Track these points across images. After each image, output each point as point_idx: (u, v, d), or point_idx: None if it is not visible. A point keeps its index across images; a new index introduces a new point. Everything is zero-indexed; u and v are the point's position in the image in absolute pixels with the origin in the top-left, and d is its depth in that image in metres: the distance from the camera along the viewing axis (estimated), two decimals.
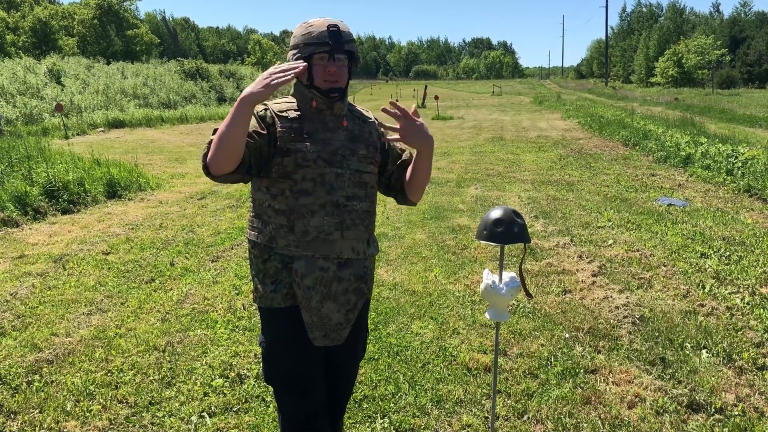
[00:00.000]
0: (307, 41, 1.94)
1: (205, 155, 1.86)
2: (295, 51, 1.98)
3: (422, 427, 2.89)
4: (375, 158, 2.09)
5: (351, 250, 1.98)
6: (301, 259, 1.94)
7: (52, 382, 3.31)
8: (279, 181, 1.94)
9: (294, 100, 2.05)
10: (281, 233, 1.96)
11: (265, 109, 1.99)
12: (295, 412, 2.07)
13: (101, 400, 3.11)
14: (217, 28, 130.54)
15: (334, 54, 1.94)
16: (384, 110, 1.98)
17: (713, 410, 2.98)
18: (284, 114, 1.98)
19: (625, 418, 2.92)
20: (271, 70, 1.79)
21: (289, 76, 1.76)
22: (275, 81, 1.75)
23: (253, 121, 1.93)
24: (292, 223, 1.94)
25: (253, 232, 2.04)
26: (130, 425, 2.91)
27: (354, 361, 2.29)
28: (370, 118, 2.17)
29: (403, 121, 1.98)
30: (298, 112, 1.99)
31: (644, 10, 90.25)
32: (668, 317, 4.08)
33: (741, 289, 4.59)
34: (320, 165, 1.93)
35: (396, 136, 2.01)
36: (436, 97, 28.40)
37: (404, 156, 2.21)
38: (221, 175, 1.86)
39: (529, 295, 2.23)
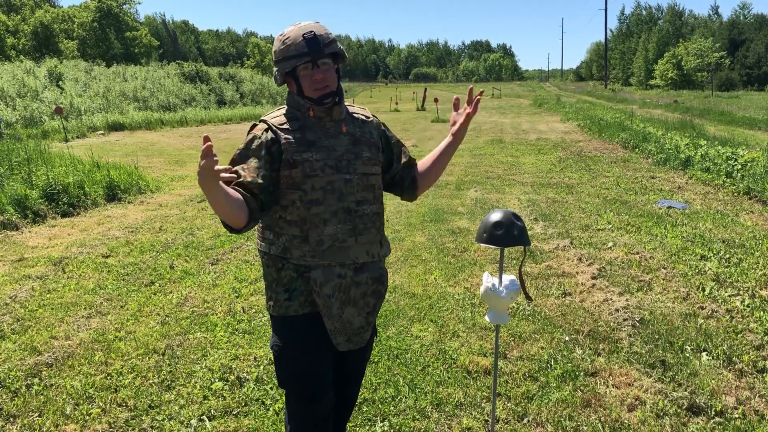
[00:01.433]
0: (287, 55, 1.92)
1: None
2: (277, 68, 1.96)
3: (422, 430, 2.88)
4: (378, 158, 2.07)
5: (366, 253, 1.98)
6: (318, 268, 1.93)
7: (52, 385, 3.30)
8: (289, 192, 1.92)
9: (290, 109, 2.01)
10: (295, 244, 1.94)
11: (267, 129, 1.95)
12: (303, 419, 2.07)
13: (101, 404, 3.11)
14: (217, 31, 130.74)
15: (316, 61, 1.91)
16: (470, 93, 2.17)
17: (713, 413, 2.97)
18: (285, 126, 1.95)
19: (626, 421, 2.91)
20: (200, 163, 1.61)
21: (209, 177, 1.60)
22: (203, 178, 1.61)
23: (262, 161, 1.88)
24: (305, 233, 1.92)
25: (264, 243, 2.02)
26: (130, 428, 2.90)
27: (363, 363, 2.30)
28: (369, 118, 2.13)
29: (471, 109, 2.13)
30: (298, 122, 1.96)
31: (643, 12, 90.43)
32: (668, 320, 4.08)
33: (741, 292, 4.59)
34: (328, 173, 1.91)
35: (462, 118, 2.16)
36: (436, 100, 28.42)
37: (405, 157, 2.23)
38: (243, 228, 1.85)
39: (528, 297, 2.23)
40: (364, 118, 2.12)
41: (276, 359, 2.07)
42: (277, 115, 2.00)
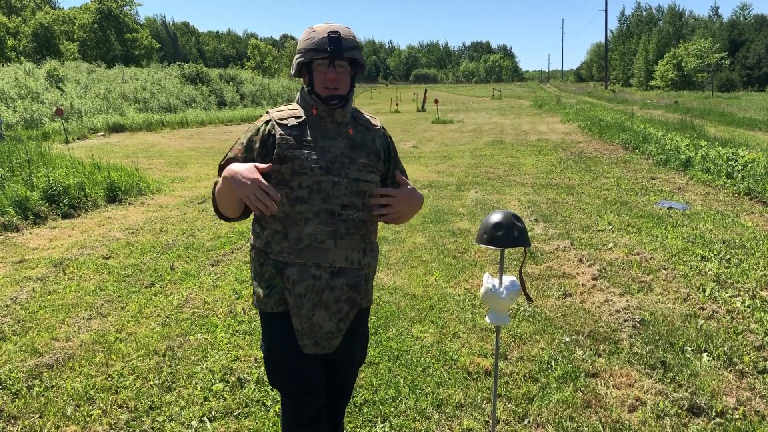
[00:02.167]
0: (309, 47, 1.95)
1: (214, 199, 2.01)
2: (298, 56, 2.00)
3: (423, 431, 2.88)
4: (377, 167, 2.06)
5: (344, 259, 1.97)
6: (294, 266, 1.95)
7: (53, 386, 3.31)
8: (278, 188, 1.94)
9: (297, 106, 2.05)
10: (276, 239, 1.97)
11: (267, 121, 2.00)
12: (295, 416, 2.09)
13: (101, 405, 3.11)
14: (217, 32, 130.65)
15: (334, 60, 1.94)
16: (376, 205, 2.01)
17: (714, 414, 2.97)
18: (284, 122, 1.98)
19: (626, 422, 2.91)
20: (260, 185, 1.80)
21: (260, 207, 1.81)
22: (251, 198, 1.81)
23: (256, 155, 1.97)
24: (286, 229, 1.95)
25: (253, 236, 2.07)
26: (131, 430, 2.91)
27: (351, 368, 2.29)
28: (376, 126, 2.14)
29: (393, 202, 2.01)
30: (299, 120, 1.99)
31: (643, 13, 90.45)
32: (669, 321, 4.08)
33: (741, 292, 4.58)
34: (317, 173, 1.93)
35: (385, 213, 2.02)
36: (436, 101, 28.48)
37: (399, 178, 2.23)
38: (236, 219, 2.03)
39: (529, 298, 2.23)
40: (369, 125, 2.12)
41: (264, 359, 2.11)
42: (281, 110, 2.05)
